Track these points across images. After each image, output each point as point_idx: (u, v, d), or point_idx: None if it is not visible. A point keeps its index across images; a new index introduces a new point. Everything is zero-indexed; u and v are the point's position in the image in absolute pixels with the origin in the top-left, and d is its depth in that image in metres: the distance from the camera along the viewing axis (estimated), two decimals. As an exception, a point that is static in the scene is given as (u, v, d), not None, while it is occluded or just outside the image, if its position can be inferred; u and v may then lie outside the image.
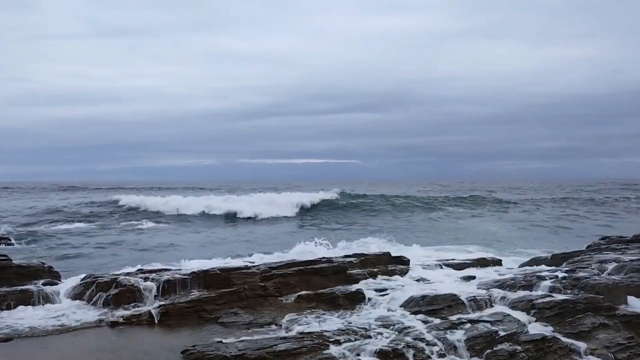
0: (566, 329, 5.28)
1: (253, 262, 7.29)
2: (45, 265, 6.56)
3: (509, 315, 5.32)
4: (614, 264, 6.91)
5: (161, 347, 4.51)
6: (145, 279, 5.91)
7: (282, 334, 4.73)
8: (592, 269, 6.84)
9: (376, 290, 6.17)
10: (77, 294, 5.92)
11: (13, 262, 6.35)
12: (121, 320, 5.15)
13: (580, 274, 6.54)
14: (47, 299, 5.74)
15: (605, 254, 7.56)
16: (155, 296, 5.68)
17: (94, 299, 5.74)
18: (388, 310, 5.56)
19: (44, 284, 6.10)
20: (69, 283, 6.30)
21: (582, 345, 5.02)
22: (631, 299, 6.00)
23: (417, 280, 6.84)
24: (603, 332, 5.28)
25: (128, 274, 6.27)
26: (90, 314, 5.38)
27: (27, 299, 5.61)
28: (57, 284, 6.30)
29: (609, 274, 6.62)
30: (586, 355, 4.93)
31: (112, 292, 5.66)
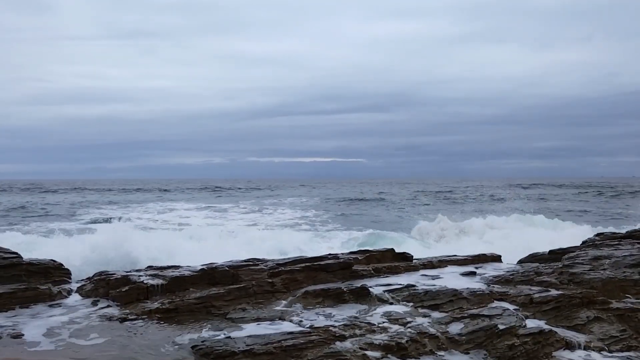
0: (562, 322, 5.49)
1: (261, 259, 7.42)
2: (56, 262, 6.66)
3: (507, 309, 5.49)
4: (608, 260, 7.11)
5: (171, 343, 4.60)
6: (155, 276, 6.03)
7: (290, 329, 4.82)
8: (587, 264, 7.04)
9: (380, 285, 6.31)
10: (88, 291, 6.03)
11: (23, 259, 6.44)
12: (131, 316, 5.23)
13: (576, 270, 6.75)
14: (58, 297, 5.85)
15: (600, 249, 7.75)
16: (164, 293, 5.80)
17: (105, 296, 5.87)
18: (392, 305, 5.71)
19: (55, 282, 6.22)
20: (80, 280, 6.44)
21: (577, 338, 5.22)
22: (624, 294, 6.22)
23: (420, 276, 7.01)
24: (597, 325, 5.49)
25: (138, 271, 6.41)
26: (101, 310, 5.48)
27: (39, 297, 5.70)
28: (68, 281, 6.44)
29: (603, 269, 6.82)
30: (581, 348, 5.12)
31: (123, 289, 5.77)
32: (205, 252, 11.59)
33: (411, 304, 5.74)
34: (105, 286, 6.00)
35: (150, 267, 6.62)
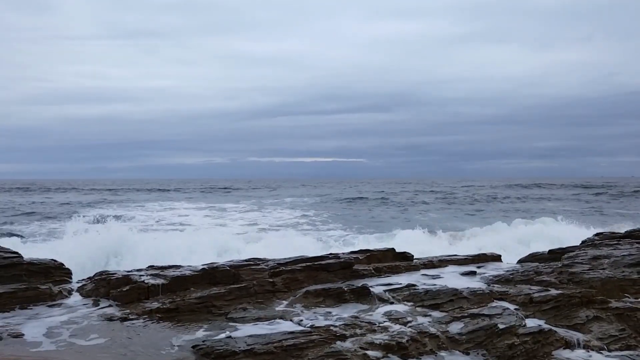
0: (562, 321, 5.51)
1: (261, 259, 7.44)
2: (57, 262, 6.66)
3: (507, 308, 5.51)
4: (607, 259, 7.14)
5: (171, 342, 4.61)
6: (156, 276, 6.04)
7: (290, 328, 4.83)
8: (587, 264, 7.06)
9: (381, 285, 6.33)
10: (88, 291, 6.03)
11: (24, 259, 6.44)
12: (132, 316, 5.24)
13: (576, 269, 6.78)
14: (59, 296, 5.85)
15: (599, 249, 7.77)
16: (165, 292, 5.81)
17: (106, 295, 5.88)
18: (392, 305, 5.73)
19: (55, 282, 6.22)
20: (81, 280, 6.45)
21: (577, 337, 5.24)
22: (623, 293, 6.24)
23: (421, 276, 7.02)
24: (597, 325, 5.52)
25: (139, 270, 6.42)
26: (101, 310, 5.48)
27: (39, 297, 5.69)
28: (68, 281, 6.44)
29: (602, 269, 6.84)
30: (581, 347, 5.15)
31: (124, 289, 5.78)
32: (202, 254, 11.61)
33: (411, 303, 5.76)
34: (106, 286, 6.01)
35: (151, 267, 6.61)
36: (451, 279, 6.85)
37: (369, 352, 4.50)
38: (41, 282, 6.08)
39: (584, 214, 25.54)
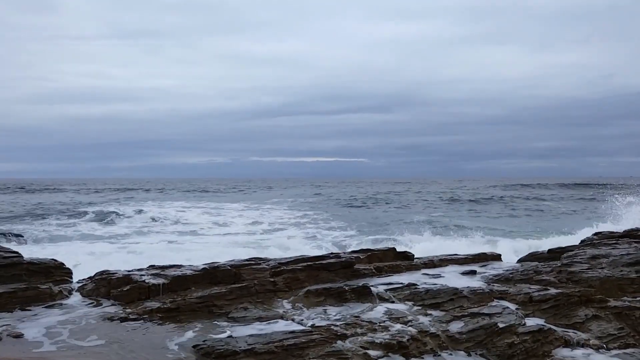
0: (561, 320, 5.55)
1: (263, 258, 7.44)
2: (57, 262, 6.66)
3: (507, 307, 5.54)
4: (606, 259, 7.15)
5: (172, 342, 4.62)
6: (157, 276, 6.05)
7: (291, 328, 4.85)
8: (586, 263, 7.08)
9: (382, 284, 6.34)
10: (89, 291, 6.04)
11: (24, 259, 6.43)
12: (132, 316, 5.23)
13: (575, 268, 6.80)
14: (59, 296, 5.85)
15: (598, 248, 7.79)
16: (166, 292, 5.82)
17: (106, 295, 5.89)
18: (393, 304, 5.74)
19: (55, 281, 6.22)
20: (81, 280, 6.45)
21: (576, 336, 5.27)
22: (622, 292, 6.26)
23: (421, 275, 7.04)
24: (596, 324, 5.55)
25: (140, 270, 6.42)
26: (102, 310, 5.48)
27: (39, 296, 5.69)
28: (69, 281, 6.44)
29: (601, 268, 6.86)
30: (580, 346, 5.17)
31: (124, 289, 5.79)
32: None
33: (412, 302, 5.77)
34: (107, 285, 6.01)
35: (152, 267, 6.61)
36: (452, 278, 6.86)
37: (370, 352, 4.52)
38: (41, 282, 6.06)
39: (585, 212, 25.55)
